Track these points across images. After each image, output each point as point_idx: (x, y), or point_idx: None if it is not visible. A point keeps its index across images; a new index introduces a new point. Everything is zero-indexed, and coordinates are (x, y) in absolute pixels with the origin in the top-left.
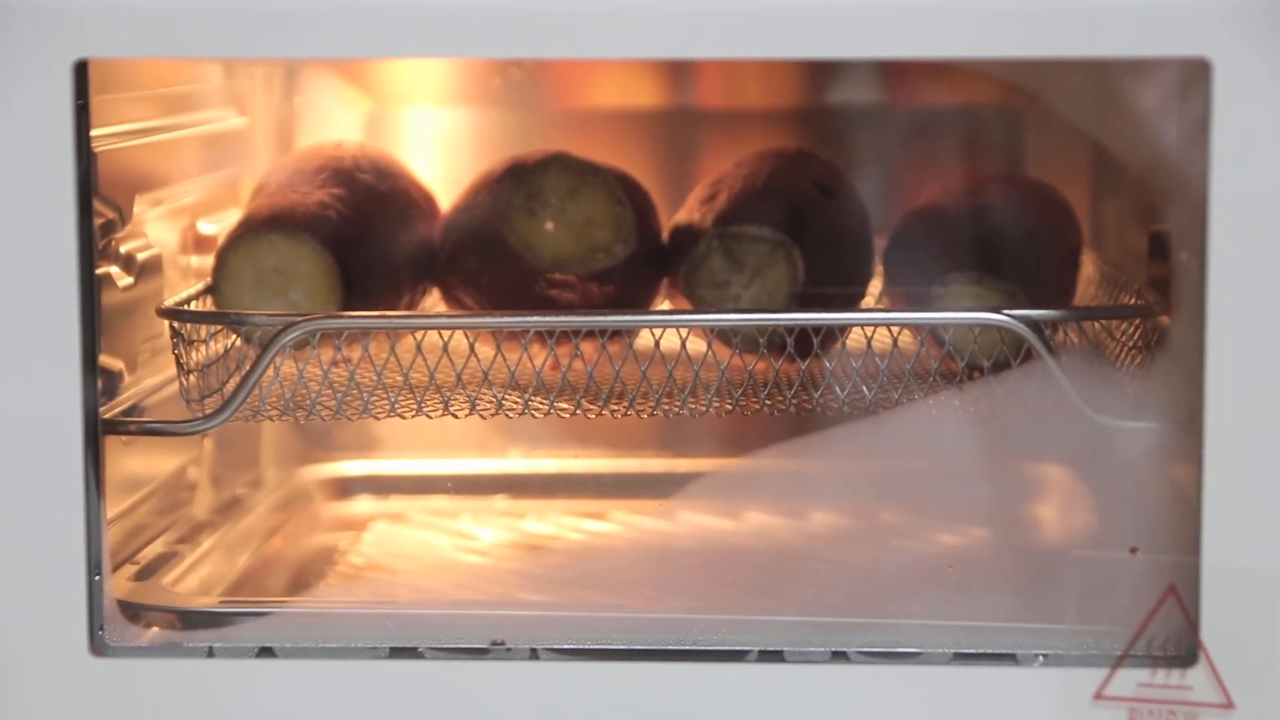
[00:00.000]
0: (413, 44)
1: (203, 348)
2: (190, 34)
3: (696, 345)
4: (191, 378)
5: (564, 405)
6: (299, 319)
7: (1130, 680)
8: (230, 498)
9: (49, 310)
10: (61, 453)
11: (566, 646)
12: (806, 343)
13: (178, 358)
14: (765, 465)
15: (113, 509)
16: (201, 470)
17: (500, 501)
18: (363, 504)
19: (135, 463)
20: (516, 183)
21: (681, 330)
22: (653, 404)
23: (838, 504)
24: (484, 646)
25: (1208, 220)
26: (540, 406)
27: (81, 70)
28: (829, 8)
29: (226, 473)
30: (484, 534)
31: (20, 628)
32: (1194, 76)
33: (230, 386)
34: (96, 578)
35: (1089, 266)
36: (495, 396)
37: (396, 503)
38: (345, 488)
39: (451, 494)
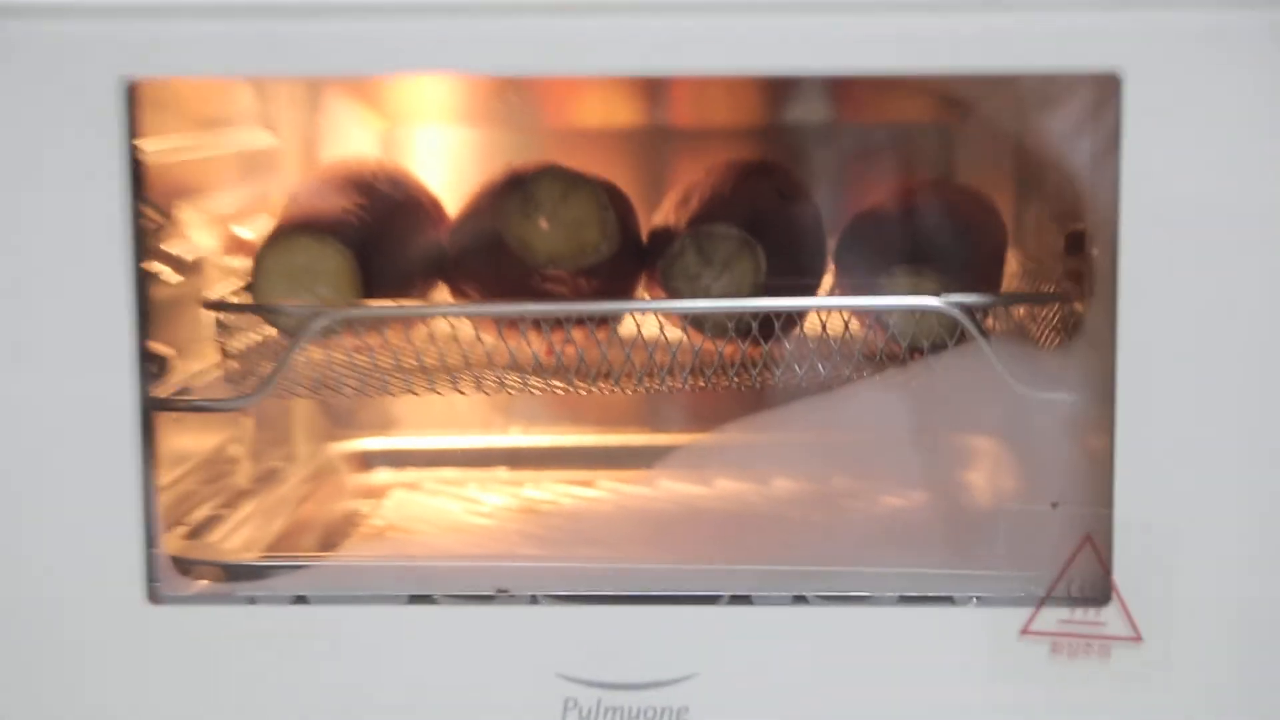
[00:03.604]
0: (417, 61)
1: (242, 336)
2: (224, 57)
3: (673, 332)
4: (232, 362)
5: (558, 384)
6: (325, 310)
7: (1052, 618)
8: (267, 469)
9: (105, 303)
10: (118, 427)
11: (562, 593)
12: (769, 327)
13: (221, 345)
14: (733, 438)
15: (165, 478)
16: (242, 446)
17: (502, 472)
18: (382, 474)
19: (185, 439)
20: (514, 190)
21: (660, 317)
22: (635, 382)
23: (796, 471)
24: (490, 594)
25: (1119, 220)
26: (537, 385)
27: (130, 91)
28: (772, 30)
29: (264, 448)
30: (489, 499)
31: (85, 581)
32: (1106, 92)
33: (266, 369)
34: (151, 542)
35: (1013, 262)
36: (497, 377)
37: (412, 473)
38: (367, 460)
39: (460, 466)
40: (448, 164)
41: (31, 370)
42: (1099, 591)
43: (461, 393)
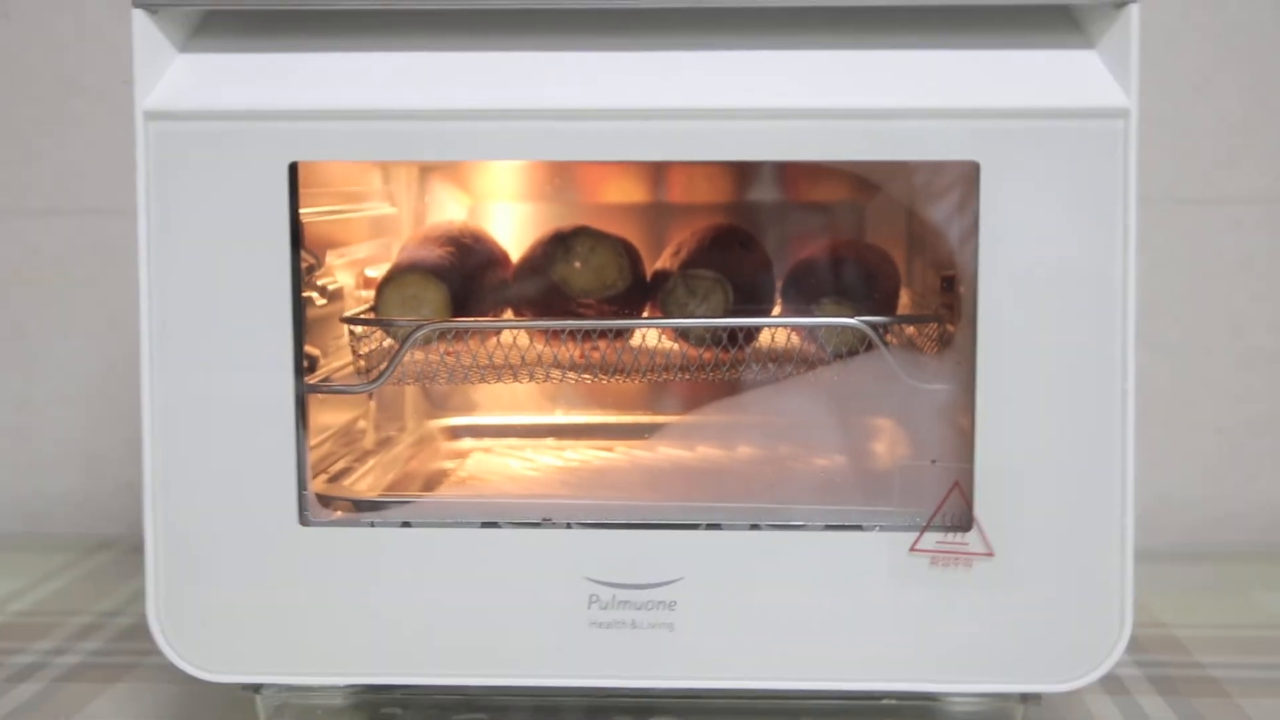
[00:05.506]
0: (494, 150)
1: (367, 342)
2: (360, 146)
3: (668, 342)
4: (361, 360)
5: (587, 377)
6: (426, 324)
7: (932, 539)
8: (385, 437)
9: (275, 320)
10: (283, 405)
11: (588, 521)
12: (735, 339)
13: (352, 348)
14: (710, 417)
15: (313, 441)
16: (368, 421)
17: (550, 441)
18: (466, 442)
19: (327, 415)
20: (557, 244)
21: (659, 332)
22: (641, 377)
23: (754, 441)
24: (538, 521)
25: (978, 268)
26: (573, 378)
27: (293, 169)
28: (732, 130)
29: (383, 422)
30: (540, 459)
31: (257, 510)
32: (969, 176)
33: (384, 366)
34: (303, 484)
35: (905, 296)
36: (545, 372)
37: (487, 441)
38: (455, 432)
39: (519, 436)
40: (512, 226)
41: (225, 367)
42: (964, 521)
43: (520, 383)
